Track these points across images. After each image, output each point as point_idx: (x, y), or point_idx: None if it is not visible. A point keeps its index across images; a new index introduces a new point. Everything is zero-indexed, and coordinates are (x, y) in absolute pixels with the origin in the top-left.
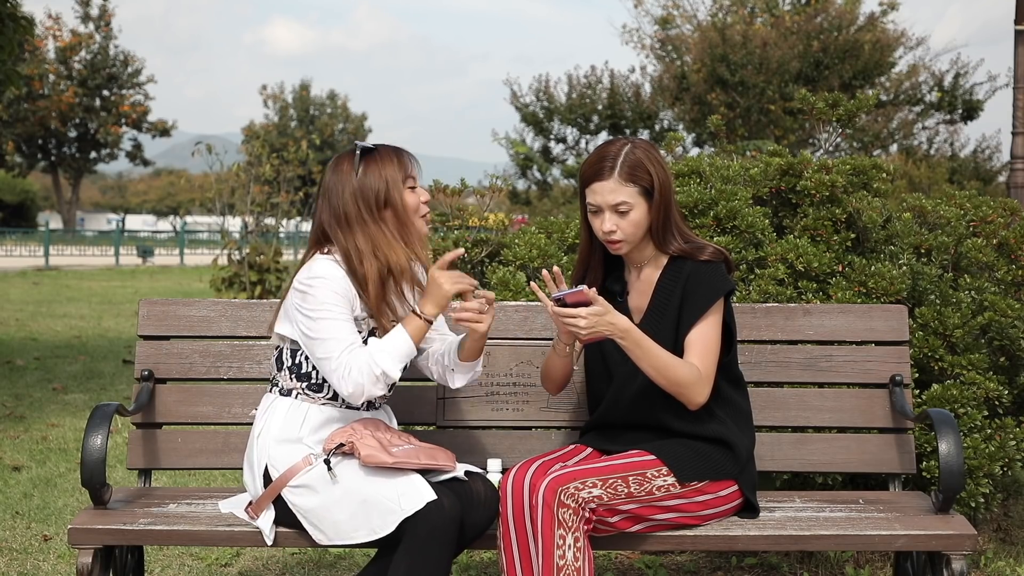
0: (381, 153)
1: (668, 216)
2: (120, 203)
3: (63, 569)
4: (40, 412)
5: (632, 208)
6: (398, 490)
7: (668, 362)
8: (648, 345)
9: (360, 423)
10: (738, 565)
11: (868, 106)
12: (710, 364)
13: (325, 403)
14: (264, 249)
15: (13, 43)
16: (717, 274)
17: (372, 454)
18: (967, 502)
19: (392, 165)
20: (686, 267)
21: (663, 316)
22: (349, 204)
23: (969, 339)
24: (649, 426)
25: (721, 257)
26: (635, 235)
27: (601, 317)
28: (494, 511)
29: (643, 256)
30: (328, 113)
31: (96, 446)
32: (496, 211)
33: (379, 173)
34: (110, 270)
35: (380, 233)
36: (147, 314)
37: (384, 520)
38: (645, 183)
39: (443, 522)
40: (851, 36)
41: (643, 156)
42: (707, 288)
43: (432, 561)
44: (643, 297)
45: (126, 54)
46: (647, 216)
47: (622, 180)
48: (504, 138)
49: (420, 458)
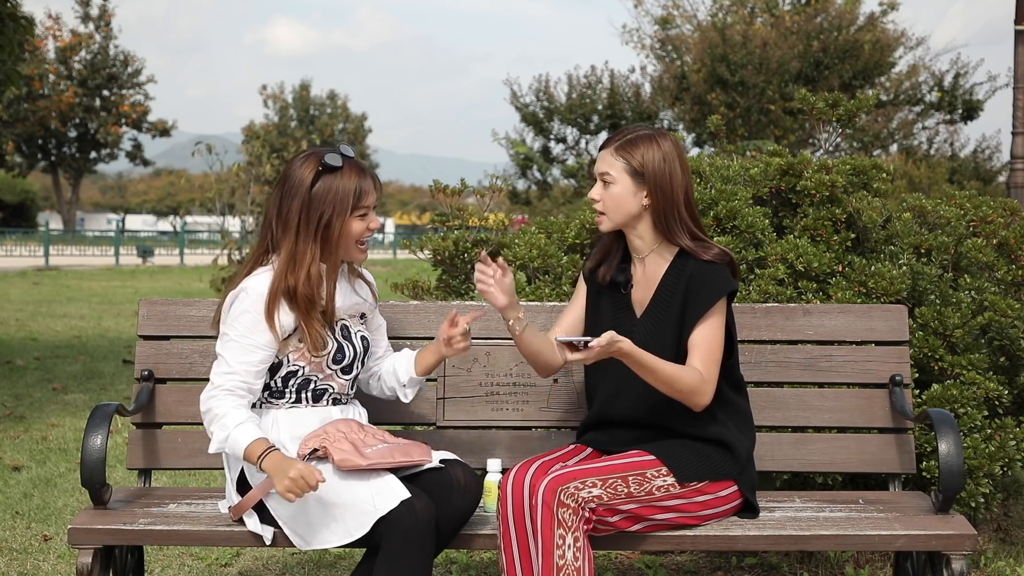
0: (343, 174)
1: (671, 206)
2: (120, 203)
3: (63, 569)
4: (40, 412)
5: (615, 183)
6: (372, 490)
7: (671, 373)
8: (650, 362)
9: (333, 425)
10: (738, 565)
11: (868, 106)
12: (713, 366)
13: (291, 407)
14: None
15: (13, 43)
16: (720, 275)
17: (346, 458)
18: (967, 502)
19: (347, 191)
20: (689, 266)
21: (665, 312)
22: (292, 212)
23: (969, 339)
24: (648, 424)
25: (726, 259)
26: (616, 212)
27: (606, 349)
28: (475, 497)
29: (644, 245)
30: (328, 113)
31: (96, 446)
32: (496, 211)
33: (332, 195)
34: (110, 270)
35: (306, 251)
36: (147, 314)
37: (359, 521)
38: (634, 163)
39: (417, 525)
40: (851, 36)
41: (648, 143)
42: (709, 289)
43: (410, 567)
44: (646, 291)
45: (126, 54)
46: (633, 198)
47: (615, 153)
48: (504, 138)
49: (395, 456)
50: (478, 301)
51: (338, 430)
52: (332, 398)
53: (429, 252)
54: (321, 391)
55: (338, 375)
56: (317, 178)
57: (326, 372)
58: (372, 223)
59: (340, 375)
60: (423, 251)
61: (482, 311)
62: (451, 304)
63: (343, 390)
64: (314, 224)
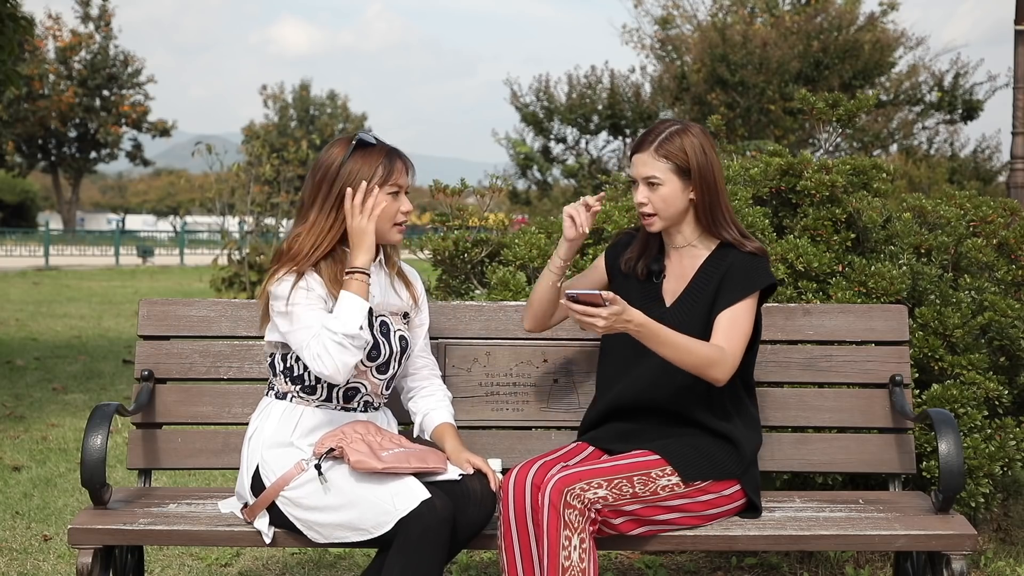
0: (373, 152)
1: (715, 200)
2: (120, 203)
3: (63, 569)
4: (40, 412)
5: (663, 184)
6: (391, 490)
7: (687, 344)
8: (665, 333)
9: (350, 426)
10: (738, 565)
11: (868, 106)
12: (736, 345)
13: (320, 405)
14: (264, 249)
15: (13, 43)
16: (760, 267)
17: (362, 459)
18: (967, 502)
19: (375, 168)
20: (730, 256)
21: (697, 301)
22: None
23: (969, 339)
24: (660, 411)
25: (765, 253)
26: (667, 212)
27: (619, 316)
28: (490, 509)
29: (683, 238)
30: (328, 113)
31: (96, 446)
32: (496, 211)
33: (361, 169)
34: (110, 270)
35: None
36: (147, 314)
37: (379, 521)
38: (679, 160)
39: (435, 522)
40: (851, 36)
41: (684, 138)
42: (748, 279)
43: (425, 562)
44: (680, 281)
45: (126, 54)
46: (682, 195)
47: (656, 155)
48: (505, 138)
49: (410, 462)
50: (479, 301)
51: (355, 431)
52: (364, 400)
53: (429, 252)
54: (353, 391)
55: (373, 373)
56: (347, 157)
57: (360, 369)
58: (404, 205)
59: (375, 374)
60: (423, 251)
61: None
62: (451, 304)
63: (376, 391)
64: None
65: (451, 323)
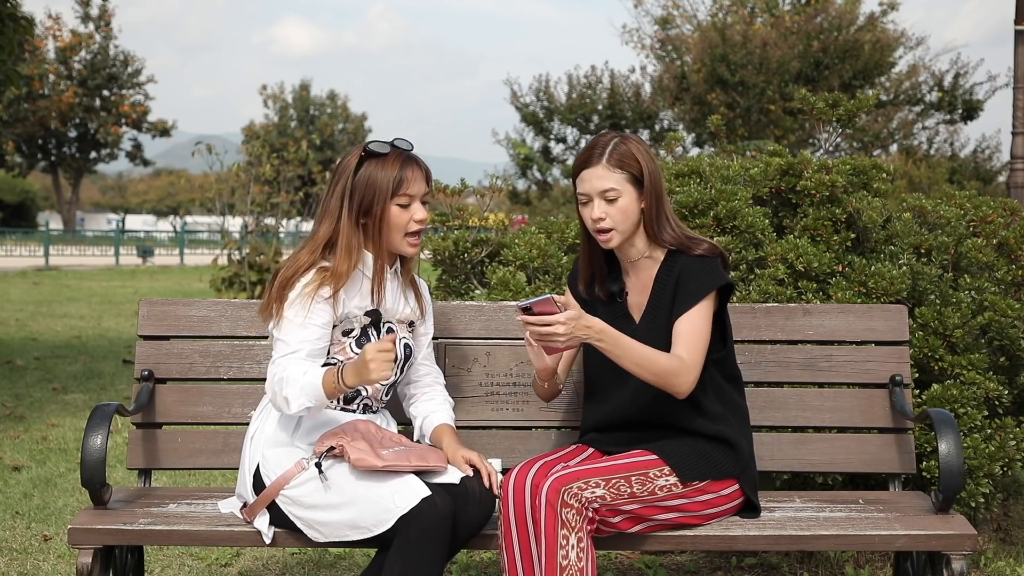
0: (387, 161)
1: (660, 206)
2: (120, 203)
3: (63, 569)
4: (40, 412)
5: (620, 195)
6: (392, 488)
7: (648, 355)
8: (625, 343)
9: (351, 425)
10: (738, 565)
11: (868, 106)
12: (696, 353)
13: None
14: (264, 249)
15: (13, 43)
16: (710, 268)
17: (362, 458)
18: (967, 502)
19: (388, 177)
20: (680, 261)
21: (659, 312)
22: (335, 197)
23: (969, 339)
24: (650, 421)
25: (716, 253)
26: (625, 224)
27: (577, 321)
28: (490, 508)
29: (636, 251)
30: (328, 113)
31: (96, 446)
32: (496, 211)
33: (373, 180)
34: (110, 270)
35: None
36: (147, 314)
37: (379, 518)
38: (634, 170)
39: (436, 520)
40: (851, 36)
41: (631, 146)
42: (698, 282)
43: (426, 559)
44: (642, 295)
45: (126, 54)
46: (637, 205)
47: (610, 166)
48: (505, 138)
49: (410, 460)
50: (477, 301)
51: (356, 429)
52: (363, 403)
53: (429, 252)
54: (354, 394)
55: None
56: (360, 165)
57: None
58: (417, 214)
59: None
60: (423, 251)
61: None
62: (451, 304)
63: (376, 395)
64: (355, 209)
65: (451, 323)
